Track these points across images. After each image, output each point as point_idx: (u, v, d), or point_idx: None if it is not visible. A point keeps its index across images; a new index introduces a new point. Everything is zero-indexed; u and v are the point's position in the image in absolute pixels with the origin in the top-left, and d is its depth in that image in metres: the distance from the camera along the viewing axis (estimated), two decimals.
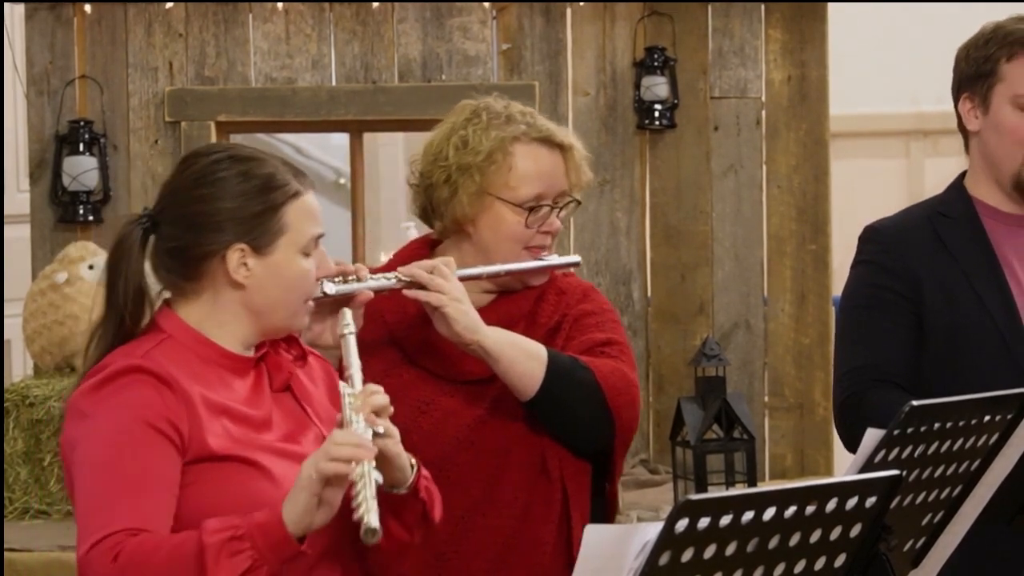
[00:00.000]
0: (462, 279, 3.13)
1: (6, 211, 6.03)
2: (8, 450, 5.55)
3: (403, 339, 3.22)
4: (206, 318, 2.70)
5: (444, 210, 3.21)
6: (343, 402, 2.62)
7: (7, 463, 5.55)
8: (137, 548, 2.48)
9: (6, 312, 6.25)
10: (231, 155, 2.72)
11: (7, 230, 6.00)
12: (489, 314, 3.18)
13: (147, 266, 2.73)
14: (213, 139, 6.10)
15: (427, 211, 3.26)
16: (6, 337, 6.68)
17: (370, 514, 2.45)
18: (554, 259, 3.25)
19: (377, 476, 2.50)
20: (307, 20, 6.14)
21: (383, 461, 2.61)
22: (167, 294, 2.75)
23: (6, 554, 5.17)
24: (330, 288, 2.99)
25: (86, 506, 2.54)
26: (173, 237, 2.69)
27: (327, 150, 9.16)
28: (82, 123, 6.02)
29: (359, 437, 2.52)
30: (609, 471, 3.24)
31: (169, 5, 6.08)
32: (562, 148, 3.22)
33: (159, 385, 2.60)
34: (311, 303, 2.78)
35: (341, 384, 2.66)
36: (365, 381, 2.70)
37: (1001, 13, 3.66)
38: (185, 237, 2.68)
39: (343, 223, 6.96)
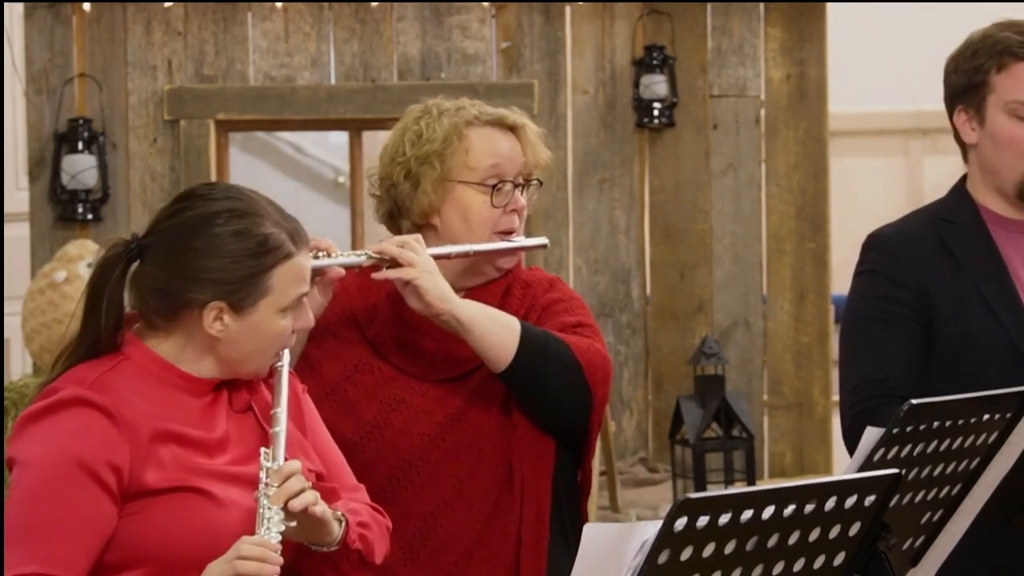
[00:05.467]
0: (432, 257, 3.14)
1: (5, 209, 6.02)
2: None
3: (374, 337, 3.22)
4: (174, 355, 2.68)
5: (410, 205, 3.21)
6: (260, 474, 2.58)
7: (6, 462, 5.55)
8: None
9: (5, 310, 6.25)
10: (230, 208, 2.66)
11: (6, 228, 6.00)
12: None
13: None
14: (212, 138, 6.11)
15: (393, 214, 3.27)
16: (5, 335, 6.68)
17: None
18: (522, 240, 3.25)
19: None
20: (306, 18, 6.14)
21: (312, 527, 2.61)
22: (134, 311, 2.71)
23: None
24: None
25: (8, 537, 2.54)
26: (156, 278, 2.66)
27: (326, 148, 9.16)
28: (81, 121, 6.02)
29: (266, 549, 2.49)
30: (582, 454, 3.21)
31: (168, 4, 6.08)
32: (514, 128, 3.23)
33: (102, 420, 2.57)
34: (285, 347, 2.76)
35: (262, 450, 2.62)
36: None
37: (999, 11, 3.64)
38: (167, 282, 2.65)
39: (342, 221, 6.96)
